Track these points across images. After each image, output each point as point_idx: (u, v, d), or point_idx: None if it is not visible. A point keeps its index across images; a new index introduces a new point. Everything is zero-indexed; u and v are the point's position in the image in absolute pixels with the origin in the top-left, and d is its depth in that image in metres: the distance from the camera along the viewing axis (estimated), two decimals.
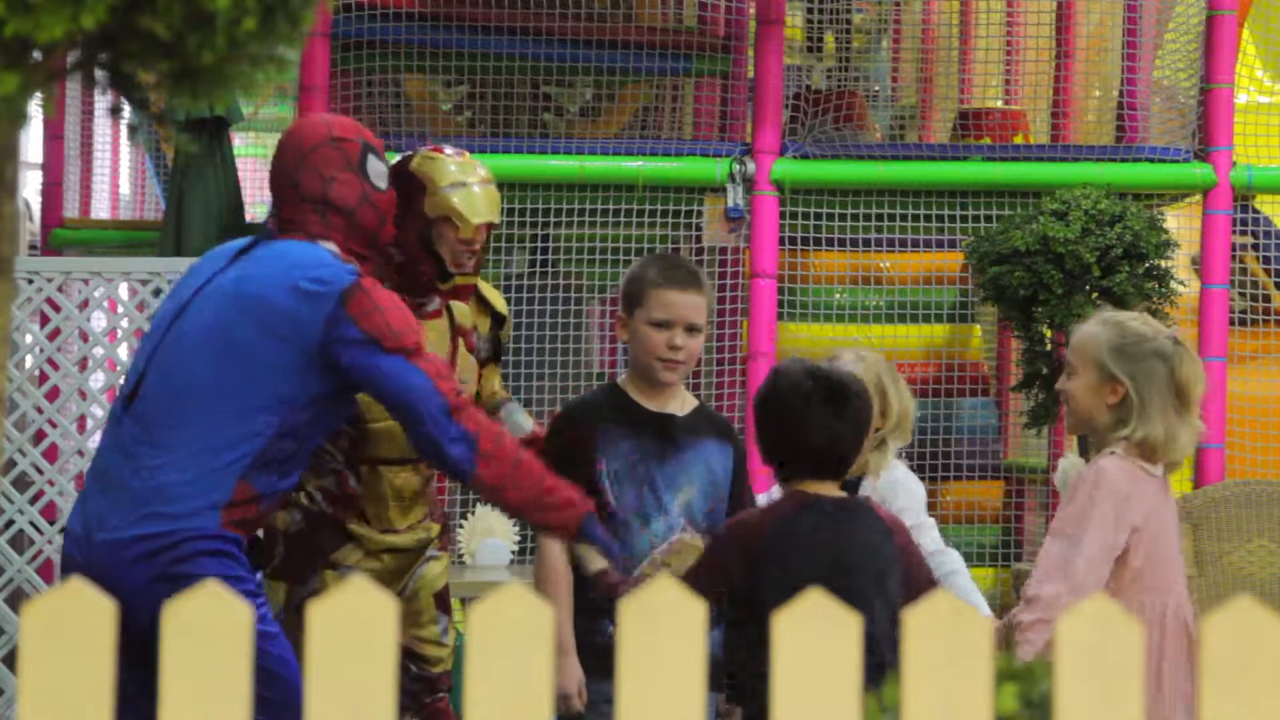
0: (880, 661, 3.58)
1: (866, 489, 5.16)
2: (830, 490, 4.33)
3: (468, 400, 4.40)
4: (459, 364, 5.12)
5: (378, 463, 5.00)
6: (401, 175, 4.90)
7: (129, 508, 4.35)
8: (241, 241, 4.63)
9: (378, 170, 4.59)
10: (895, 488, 5.24)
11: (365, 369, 4.34)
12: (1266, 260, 8.62)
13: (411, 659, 5.13)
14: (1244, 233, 8.38)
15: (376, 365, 4.33)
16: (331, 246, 4.49)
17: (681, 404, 4.97)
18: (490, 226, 5.02)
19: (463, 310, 5.15)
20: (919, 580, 4.39)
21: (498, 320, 5.27)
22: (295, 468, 4.48)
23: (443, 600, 5.19)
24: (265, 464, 4.38)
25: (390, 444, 4.99)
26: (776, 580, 4.20)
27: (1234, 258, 8.41)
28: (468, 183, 4.93)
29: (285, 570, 5.00)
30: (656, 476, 4.85)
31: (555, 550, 4.83)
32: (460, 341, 5.13)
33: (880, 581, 4.29)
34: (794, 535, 4.26)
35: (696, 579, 4.30)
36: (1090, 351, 4.68)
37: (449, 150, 5.04)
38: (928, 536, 5.22)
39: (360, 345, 4.33)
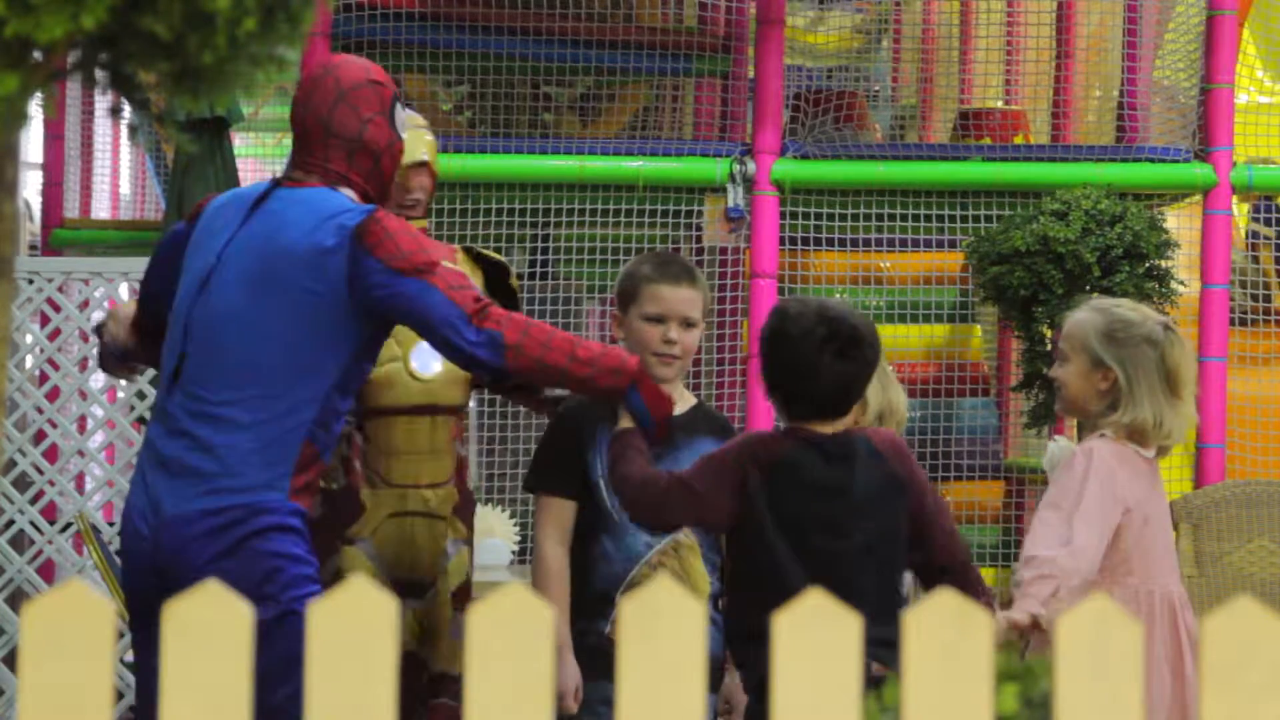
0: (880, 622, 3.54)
1: None
2: (832, 428, 4.31)
3: (488, 303, 4.36)
4: None
5: (383, 413, 4.98)
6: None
7: (193, 484, 4.33)
8: (256, 188, 4.57)
9: (400, 118, 4.59)
10: None
11: (386, 296, 4.32)
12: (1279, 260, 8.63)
13: (418, 657, 5.10)
14: (1268, 224, 8.41)
15: (394, 289, 4.31)
16: (350, 193, 4.47)
17: (679, 402, 4.97)
18: (430, 171, 5.09)
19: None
20: (927, 511, 4.35)
21: (497, 270, 5.25)
22: (343, 416, 4.48)
23: (460, 597, 5.16)
24: (324, 421, 4.38)
25: (390, 391, 4.98)
26: (774, 519, 4.21)
27: (1253, 248, 8.43)
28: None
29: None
30: None
31: (552, 551, 4.83)
32: None
33: (880, 519, 4.28)
34: (793, 474, 4.24)
35: (703, 472, 4.29)
36: (1080, 338, 4.71)
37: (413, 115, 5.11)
38: None
39: (378, 274, 4.31)
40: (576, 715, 4.81)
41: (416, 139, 5.09)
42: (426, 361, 5.05)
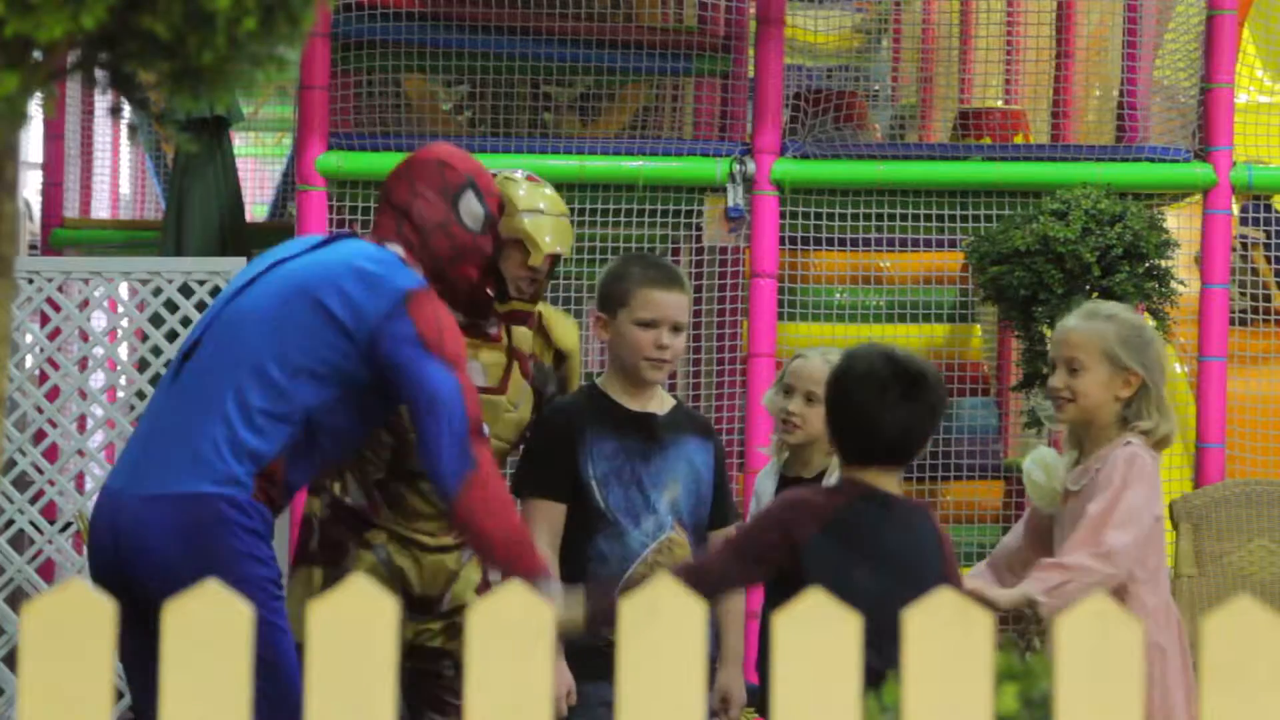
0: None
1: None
2: (892, 483, 4.27)
3: (487, 439, 4.40)
4: (511, 387, 5.09)
5: (417, 476, 4.97)
6: None
7: (168, 467, 4.35)
8: (321, 236, 4.70)
9: (470, 209, 4.60)
10: None
11: (405, 365, 4.34)
12: (1278, 260, 8.63)
13: (449, 655, 5.09)
14: (1261, 228, 8.40)
15: (417, 363, 4.33)
16: (398, 249, 4.52)
17: (661, 403, 4.98)
18: (557, 258, 5.00)
19: (522, 334, 5.13)
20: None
21: (559, 356, 5.23)
22: (312, 469, 4.49)
23: (481, 590, 5.16)
24: (296, 451, 4.39)
25: (412, 457, 4.97)
26: (823, 569, 4.16)
27: (1244, 249, 8.42)
28: (544, 210, 4.93)
29: (321, 555, 4.98)
30: (643, 476, 4.87)
31: (543, 553, 4.82)
32: (516, 365, 5.12)
33: (923, 587, 4.26)
34: (851, 527, 4.21)
35: (746, 547, 4.25)
36: (1099, 346, 4.70)
37: (521, 174, 5.04)
38: None
39: (410, 342, 4.34)
40: (576, 716, 4.81)
41: (564, 232, 5.01)
42: None
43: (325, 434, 4.44)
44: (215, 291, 7.58)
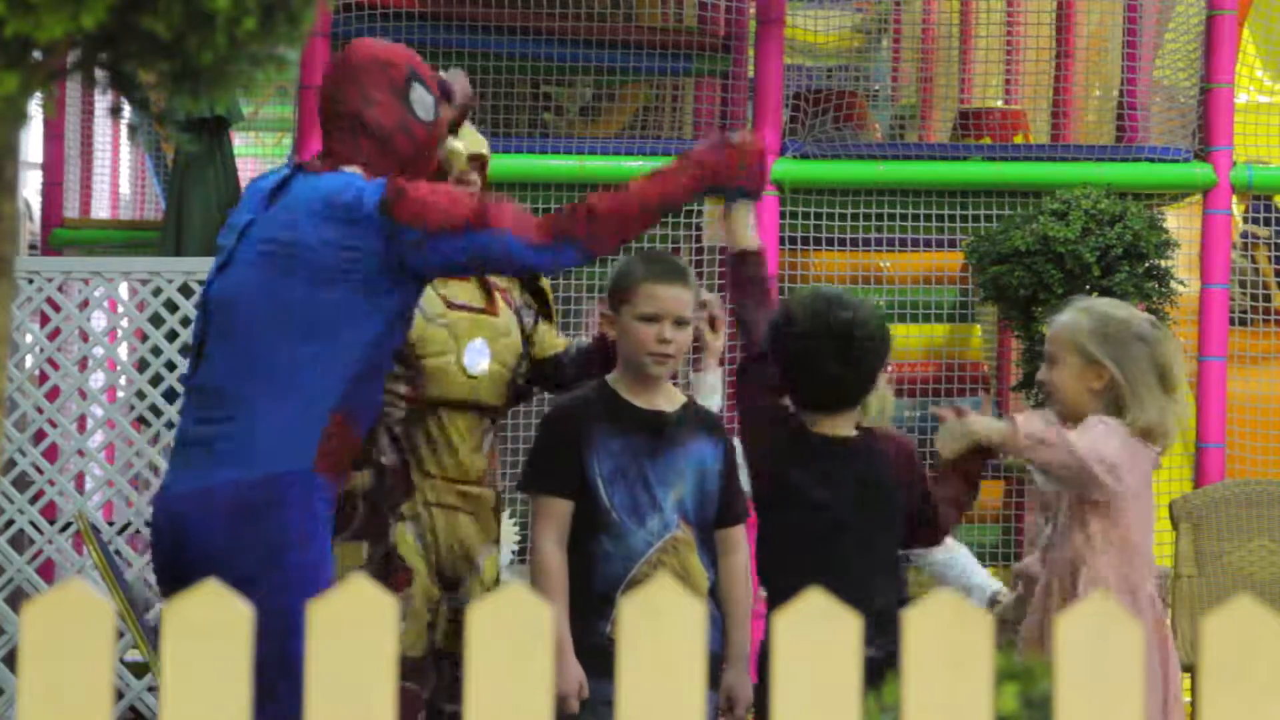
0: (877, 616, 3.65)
1: None
2: (842, 427, 4.41)
3: (543, 220, 4.32)
4: (500, 311, 5.12)
5: (438, 405, 4.97)
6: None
7: (210, 459, 4.32)
8: (275, 178, 4.54)
9: (422, 99, 4.50)
10: None
11: (444, 261, 4.30)
12: (1279, 260, 8.63)
13: (451, 656, 5.09)
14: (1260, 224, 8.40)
15: (451, 251, 4.28)
16: (356, 170, 4.42)
17: (670, 400, 4.98)
18: (483, 162, 5.06)
19: None
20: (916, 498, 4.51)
21: (535, 292, 5.27)
22: (381, 381, 4.47)
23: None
24: (357, 393, 4.35)
25: (445, 383, 4.97)
26: (793, 502, 4.31)
27: (1245, 248, 8.42)
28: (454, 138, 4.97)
29: (365, 529, 4.97)
30: (649, 474, 4.86)
31: (550, 551, 4.83)
32: (495, 294, 5.13)
33: (885, 521, 4.35)
34: (805, 470, 4.32)
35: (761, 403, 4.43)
36: (1071, 338, 4.71)
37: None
38: None
39: (428, 241, 4.27)
40: (579, 715, 4.81)
41: (473, 136, 5.07)
42: (476, 360, 5.07)
43: (369, 365, 4.37)
44: None
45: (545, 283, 5.29)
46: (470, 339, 5.01)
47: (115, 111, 2.56)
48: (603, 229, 4.31)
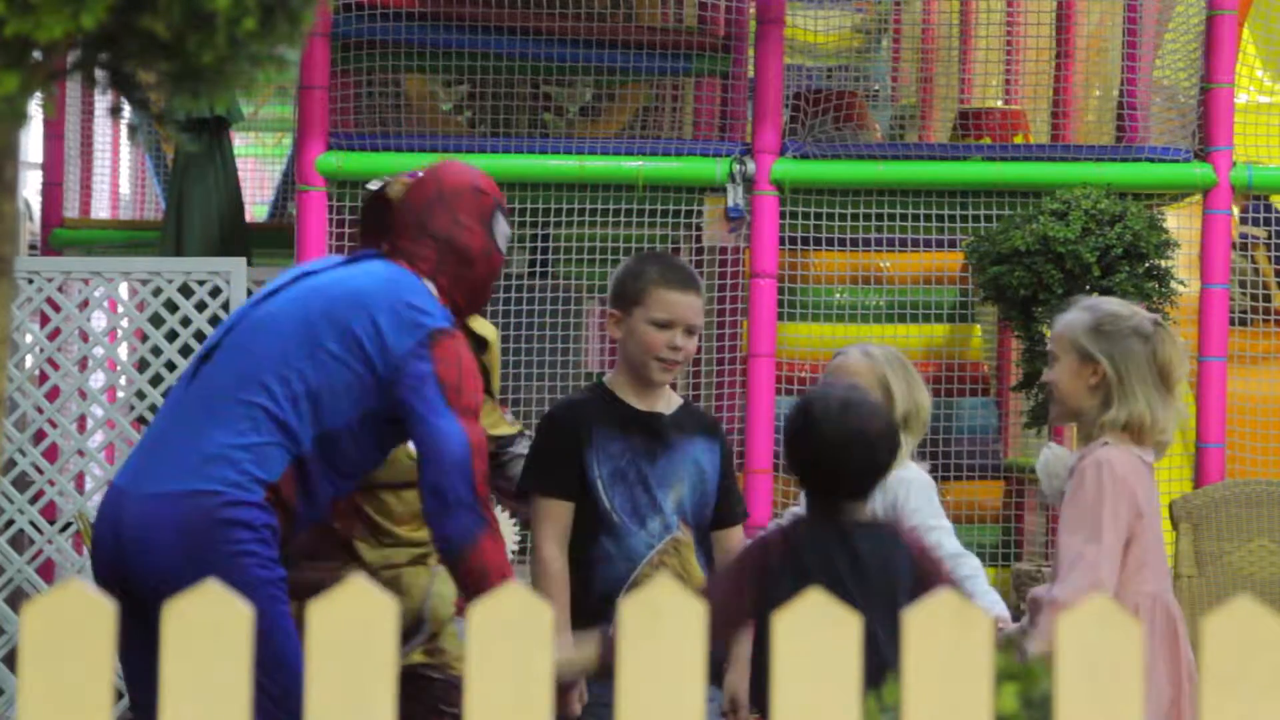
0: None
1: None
2: (854, 511, 4.27)
3: (488, 493, 4.41)
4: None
5: (378, 488, 4.98)
6: (382, 201, 4.89)
7: (175, 466, 4.33)
8: (355, 255, 4.62)
9: (503, 231, 4.61)
10: (907, 486, 5.12)
11: (419, 412, 4.33)
12: (1278, 260, 8.64)
13: (434, 669, 5.08)
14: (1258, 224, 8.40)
15: (433, 409, 4.32)
16: (433, 287, 4.50)
17: (668, 402, 4.98)
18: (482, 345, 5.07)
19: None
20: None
21: (479, 344, 5.26)
22: (325, 497, 4.46)
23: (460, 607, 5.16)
24: (305, 472, 4.36)
25: (392, 468, 4.98)
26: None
27: (1244, 248, 8.42)
28: None
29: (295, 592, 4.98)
30: (649, 476, 4.85)
31: (550, 553, 4.82)
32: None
33: (892, 608, 4.23)
34: (807, 561, 4.21)
35: (721, 607, 4.26)
36: (1067, 336, 4.69)
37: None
38: (947, 539, 5.10)
39: (427, 384, 4.33)
40: (580, 717, 4.80)
41: (484, 323, 5.07)
42: None
43: (339, 457, 4.40)
44: (215, 292, 7.59)
45: (492, 357, 5.28)
46: None
47: (115, 111, 2.56)
48: (500, 556, 4.33)
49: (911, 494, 5.15)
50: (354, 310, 4.38)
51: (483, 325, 5.26)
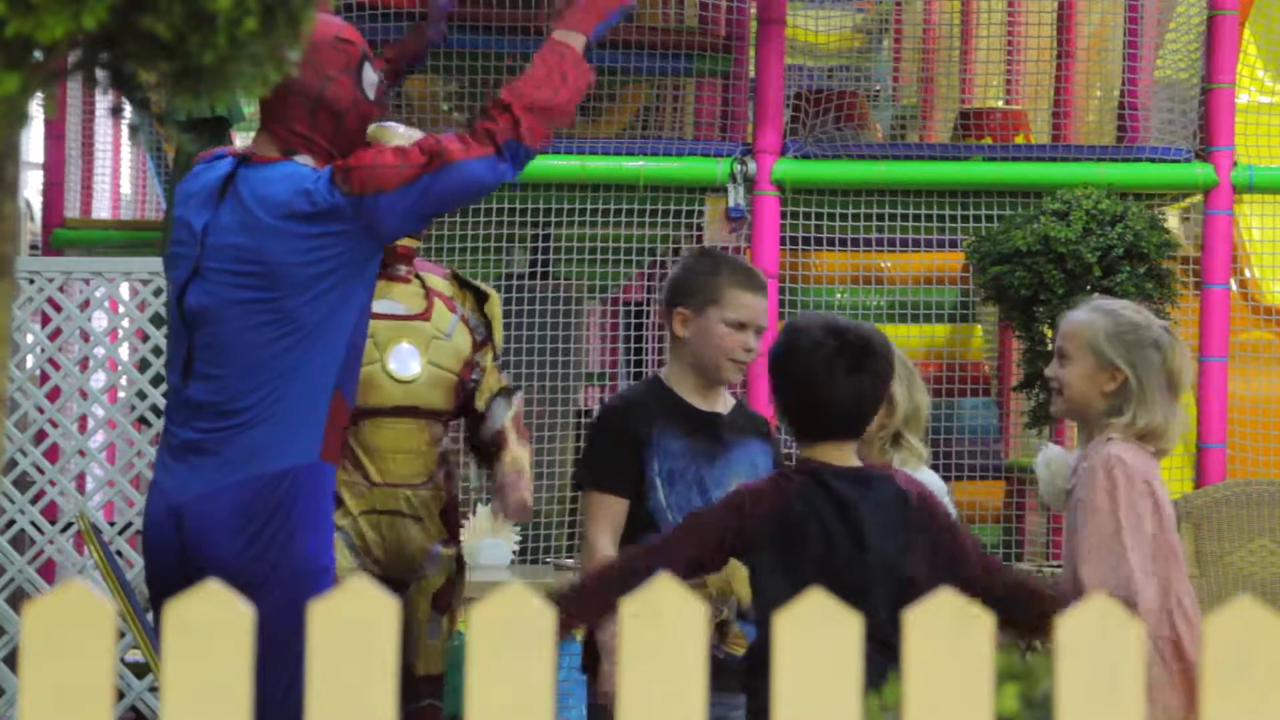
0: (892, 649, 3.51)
1: None
2: (846, 457, 4.24)
3: (477, 134, 4.41)
4: (435, 315, 5.12)
5: (363, 414, 4.97)
6: None
7: (220, 463, 4.32)
8: (220, 168, 4.52)
9: (371, 80, 4.54)
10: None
11: (414, 210, 4.37)
12: None
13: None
14: None
15: (419, 200, 4.35)
16: (308, 160, 4.44)
17: (725, 402, 4.96)
18: None
19: (436, 280, 5.18)
20: (956, 548, 4.24)
21: (480, 297, 5.26)
22: (361, 352, 4.49)
23: (441, 598, 5.15)
24: (347, 371, 4.38)
25: (375, 391, 4.98)
26: (787, 559, 4.15)
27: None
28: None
29: None
30: (706, 478, 4.82)
31: (606, 549, 4.76)
32: (437, 300, 5.14)
33: (895, 561, 4.19)
34: (803, 512, 4.19)
35: (696, 528, 4.24)
36: (1088, 339, 4.66)
37: (397, 125, 5.06)
38: None
39: (394, 199, 4.34)
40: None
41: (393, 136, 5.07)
42: (405, 362, 5.06)
43: (355, 343, 4.41)
44: None
45: (493, 310, 5.27)
46: (394, 344, 5.02)
47: (116, 112, 2.56)
48: (533, 117, 4.42)
49: None
50: (273, 254, 4.33)
51: (489, 299, 5.29)
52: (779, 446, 5.02)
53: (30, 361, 7.85)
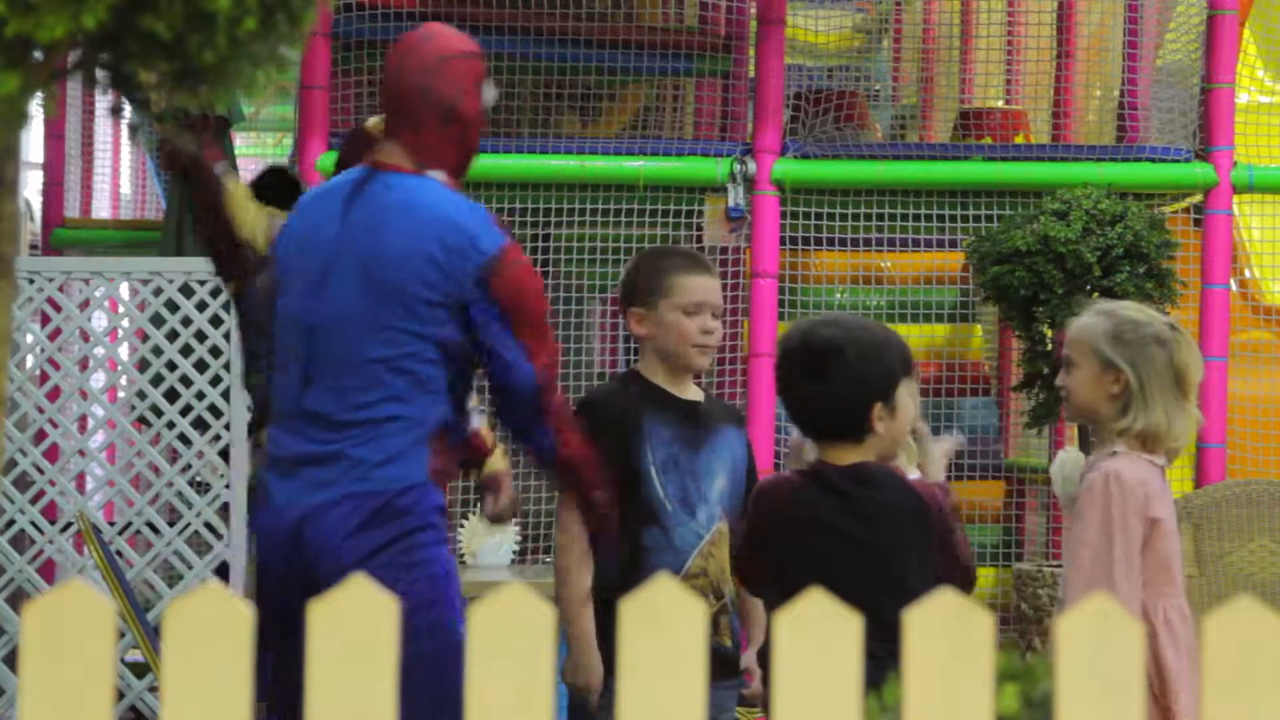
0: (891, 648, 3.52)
1: None
2: (849, 457, 4.27)
3: (560, 397, 4.43)
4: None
5: None
6: (363, 136, 4.88)
7: (333, 475, 4.29)
8: (350, 175, 4.47)
9: (489, 98, 4.52)
10: None
11: (489, 343, 4.33)
12: None
13: None
14: None
15: (501, 343, 4.32)
16: (440, 176, 4.40)
17: (696, 393, 4.97)
18: None
19: None
20: (948, 551, 4.29)
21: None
22: (464, 410, 4.47)
23: None
24: (456, 409, 4.38)
25: None
26: (793, 562, 4.18)
27: None
28: None
29: None
30: (695, 465, 4.83)
31: (578, 533, 4.78)
32: None
33: (892, 557, 4.22)
34: (799, 513, 4.22)
35: (744, 566, 4.31)
36: (1088, 342, 4.66)
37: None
38: None
39: (497, 322, 4.31)
40: (598, 712, 4.78)
41: None
42: None
43: (464, 381, 4.42)
44: (216, 291, 7.58)
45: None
46: None
47: (116, 111, 2.56)
48: (582, 450, 4.46)
49: None
50: (399, 270, 4.29)
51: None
52: (748, 436, 5.05)
53: (30, 361, 7.85)
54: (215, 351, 7.57)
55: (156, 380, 7.66)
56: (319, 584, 4.10)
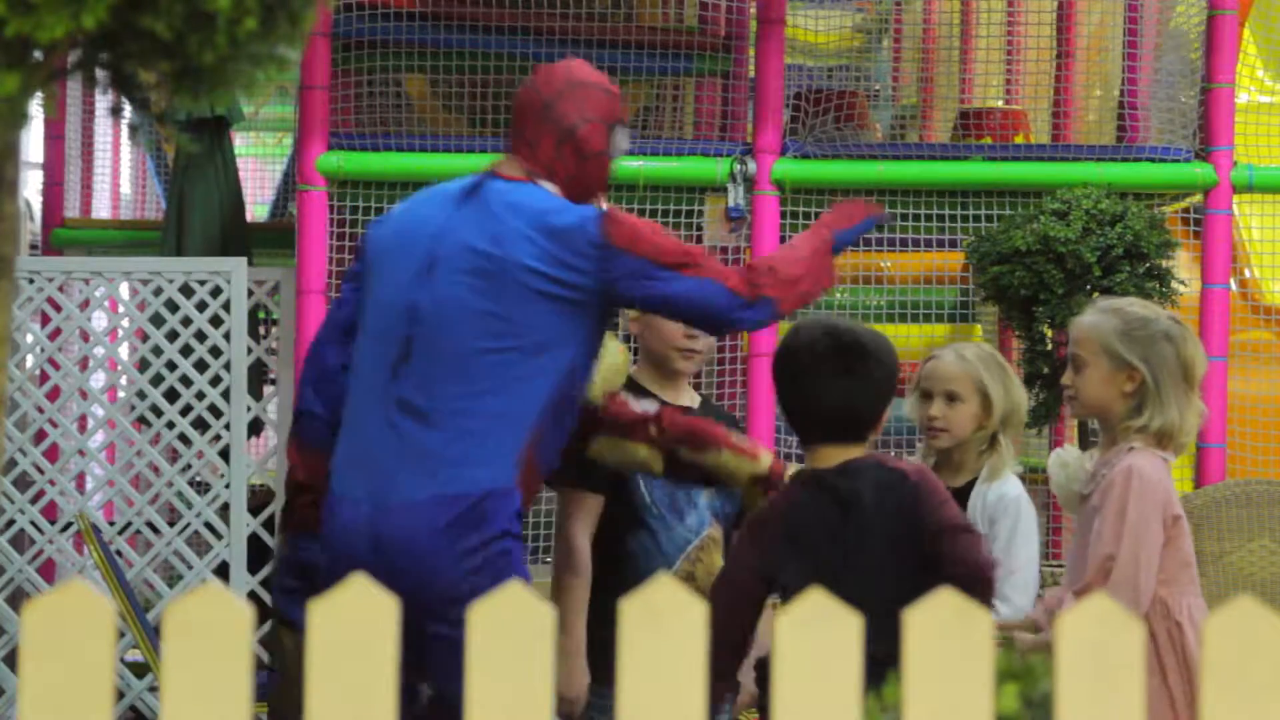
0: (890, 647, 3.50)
1: (975, 497, 4.95)
2: (838, 455, 4.23)
3: (750, 267, 4.37)
4: None
5: None
6: None
7: (421, 470, 4.24)
8: (464, 181, 4.48)
9: (619, 145, 4.52)
10: (1004, 505, 4.96)
11: (653, 295, 4.29)
12: None
13: None
14: None
15: (662, 286, 4.28)
16: (552, 188, 4.42)
17: (691, 398, 4.97)
18: None
19: None
20: (931, 529, 4.19)
21: None
22: (567, 418, 4.39)
23: None
24: (549, 420, 4.30)
25: None
26: (795, 569, 4.15)
27: None
28: None
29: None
30: None
31: (583, 546, 4.77)
32: None
33: (893, 549, 4.18)
34: (799, 518, 4.20)
35: (730, 582, 4.26)
36: (1098, 340, 4.63)
37: None
38: (1010, 586, 4.83)
39: (643, 272, 4.27)
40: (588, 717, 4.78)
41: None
42: None
43: (562, 394, 4.33)
44: (216, 292, 7.58)
45: None
46: None
47: (116, 111, 2.56)
48: (790, 288, 4.35)
49: (1007, 512, 4.95)
50: (515, 278, 4.26)
51: None
52: None
53: (30, 361, 7.85)
54: (215, 351, 7.57)
55: (156, 380, 7.66)
56: (398, 583, 3.92)
